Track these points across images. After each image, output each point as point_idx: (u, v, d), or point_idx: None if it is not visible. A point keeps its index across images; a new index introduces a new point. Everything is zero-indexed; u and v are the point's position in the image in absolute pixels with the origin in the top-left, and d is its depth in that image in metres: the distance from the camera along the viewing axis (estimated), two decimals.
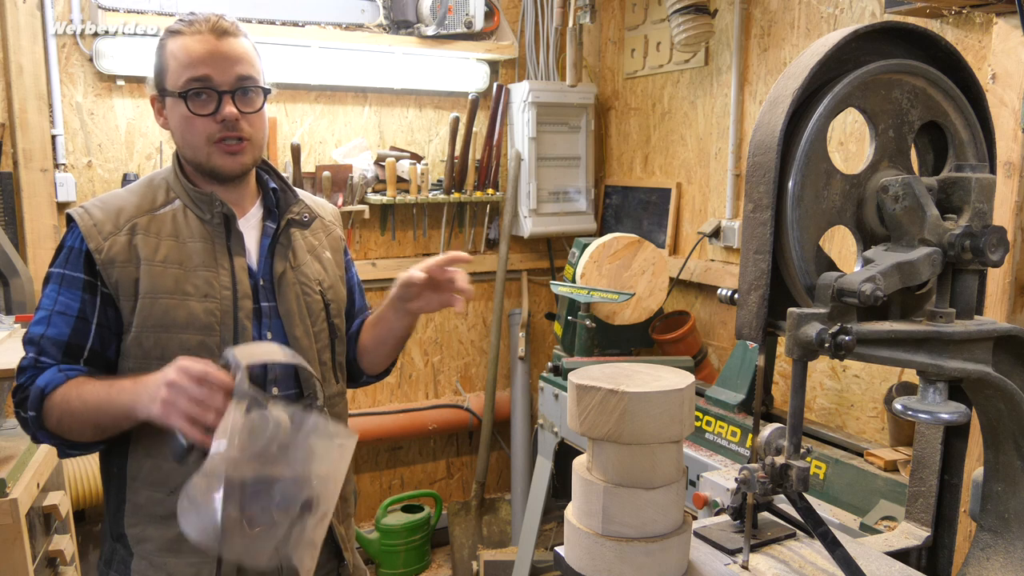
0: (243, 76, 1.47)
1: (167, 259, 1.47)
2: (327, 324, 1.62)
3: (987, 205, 1.02)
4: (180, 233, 1.49)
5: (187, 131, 1.48)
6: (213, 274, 1.48)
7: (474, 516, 3.76)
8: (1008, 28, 1.84)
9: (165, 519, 1.46)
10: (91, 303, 1.45)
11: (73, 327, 1.44)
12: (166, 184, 1.54)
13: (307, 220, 1.61)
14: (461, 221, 3.79)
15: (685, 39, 3.01)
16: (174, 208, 1.51)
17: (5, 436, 2.15)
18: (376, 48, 3.38)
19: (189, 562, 1.46)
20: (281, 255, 1.56)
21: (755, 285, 1.02)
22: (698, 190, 3.35)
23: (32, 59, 2.81)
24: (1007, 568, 1.17)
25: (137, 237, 1.47)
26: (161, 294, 1.45)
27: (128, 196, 1.53)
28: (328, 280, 1.64)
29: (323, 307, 1.61)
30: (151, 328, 1.45)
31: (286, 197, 1.61)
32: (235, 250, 1.51)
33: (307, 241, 1.64)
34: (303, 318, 1.56)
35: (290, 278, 1.56)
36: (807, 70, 0.99)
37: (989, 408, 1.14)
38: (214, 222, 1.51)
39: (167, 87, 1.48)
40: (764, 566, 1.15)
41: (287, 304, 1.54)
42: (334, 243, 1.72)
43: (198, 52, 1.44)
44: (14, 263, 2.71)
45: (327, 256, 1.67)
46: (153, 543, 1.49)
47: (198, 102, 1.45)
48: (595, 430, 1.06)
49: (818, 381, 2.75)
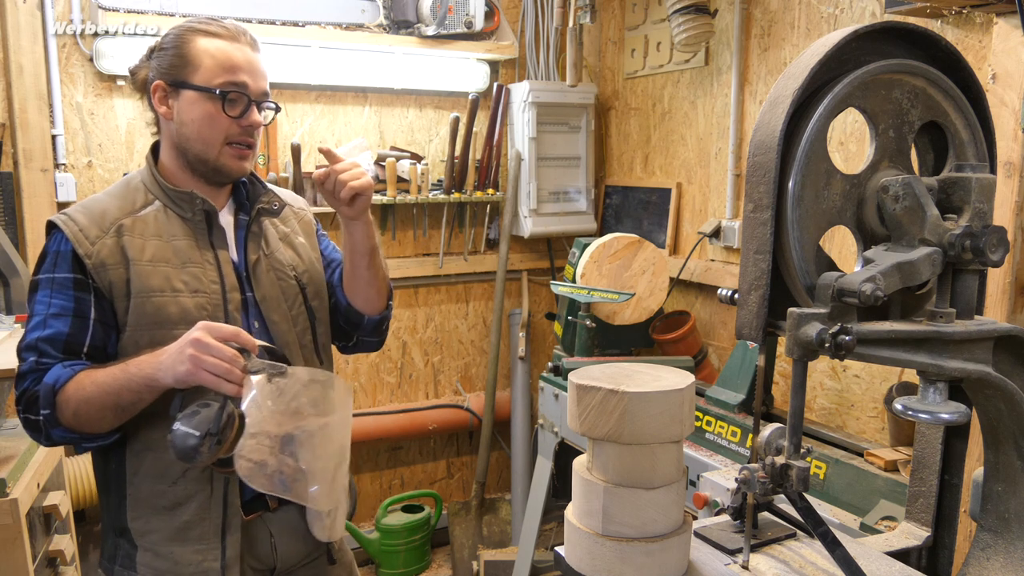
0: (266, 92, 1.58)
1: (155, 258, 1.50)
2: (305, 307, 1.66)
3: (987, 205, 1.02)
4: (163, 232, 1.52)
5: (206, 127, 1.51)
6: (200, 269, 1.52)
7: (474, 516, 3.76)
8: (1008, 28, 1.84)
9: (169, 509, 1.51)
10: (86, 300, 1.47)
11: (71, 325, 1.45)
12: (143, 186, 1.57)
13: (276, 208, 1.66)
14: (461, 221, 3.79)
15: (685, 39, 3.01)
16: (155, 209, 1.55)
17: (5, 436, 2.15)
18: (376, 48, 3.38)
19: (195, 549, 1.50)
20: (254, 244, 1.61)
21: (755, 285, 1.02)
22: (698, 190, 3.35)
23: (32, 59, 2.81)
24: (1007, 568, 1.17)
25: (124, 238, 1.49)
26: (153, 292, 1.48)
27: (109, 199, 1.55)
28: (303, 265, 1.68)
29: (299, 291, 1.65)
30: (145, 326, 1.47)
31: (255, 189, 1.66)
32: (218, 244, 1.56)
33: (279, 229, 1.68)
34: (279, 303, 1.61)
35: (264, 265, 1.61)
36: (807, 70, 0.99)
37: (989, 408, 1.14)
38: (195, 219, 1.55)
39: (192, 81, 1.51)
40: (764, 566, 1.15)
41: (263, 290, 1.59)
42: (306, 227, 1.76)
43: (239, 59, 1.52)
44: (14, 263, 2.72)
45: (300, 241, 1.71)
46: (158, 534, 1.52)
47: (232, 105, 1.52)
48: (595, 430, 1.06)
49: (818, 381, 2.75)
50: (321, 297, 1.71)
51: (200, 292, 1.51)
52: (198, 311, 1.49)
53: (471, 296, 3.93)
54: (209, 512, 1.51)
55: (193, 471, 1.49)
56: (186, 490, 1.51)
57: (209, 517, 1.51)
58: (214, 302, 1.52)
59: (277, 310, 1.60)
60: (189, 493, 1.51)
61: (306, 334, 1.65)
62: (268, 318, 1.58)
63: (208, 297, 1.51)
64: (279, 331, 1.59)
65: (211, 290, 1.52)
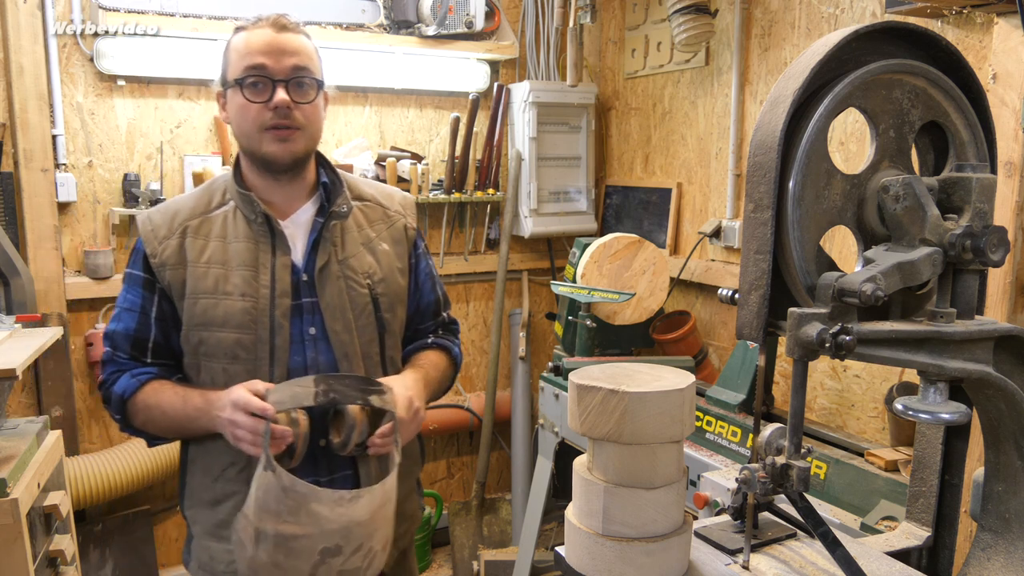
0: (298, 67, 1.51)
1: (210, 259, 1.53)
2: (375, 318, 1.61)
3: (988, 205, 1.02)
4: (227, 234, 1.55)
5: (242, 119, 1.52)
6: (253, 273, 1.53)
7: (474, 516, 3.76)
8: (1009, 28, 1.84)
9: (211, 504, 1.56)
10: (149, 299, 1.55)
11: (137, 321, 1.56)
12: (224, 186, 1.60)
13: (344, 211, 1.62)
14: (462, 221, 3.79)
15: (686, 39, 3.01)
16: (226, 210, 1.57)
17: (5, 436, 2.15)
18: (376, 48, 3.38)
19: (227, 548, 1.53)
20: (323, 249, 1.58)
21: (756, 285, 1.02)
22: (699, 190, 3.35)
23: (33, 59, 2.81)
24: (1008, 568, 1.17)
25: (187, 240, 1.54)
26: (202, 294, 1.52)
27: (186, 199, 1.61)
28: (380, 273, 1.63)
29: (370, 300, 1.61)
30: (195, 327, 1.53)
31: (335, 190, 1.63)
32: (279, 249, 1.55)
33: (363, 233, 1.64)
34: (344, 312, 1.57)
35: (333, 271, 1.57)
36: (808, 70, 0.99)
37: (990, 408, 1.14)
38: (258, 222, 1.55)
39: (227, 79, 1.54)
40: (765, 566, 1.15)
41: (327, 298, 1.56)
42: (396, 234, 1.70)
43: (256, 43, 1.51)
44: (15, 263, 2.71)
45: (383, 248, 1.66)
46: (201, 526, 1.59)
47: (253, 90, 1.50)
48: (595, 430, 1.06)
49: (819, 381, 2.75)
50: (395, 310, 1.67)
51: (248, 296, 1.51)
52: (243, 315, 1.51)
53: (471, 296, 3.93)
54: None
55: (232, 469, 1.53)
56: (225, 489, 1.54)
57: None
58: (260, 307, 1.51)
59: (340, 319, 1.57)
60: (228, 492, 1.54)
61: (372, 345, 1.62)
62: (329, 327, 1.55)
63: (255, 301, 1.51)
64: (339, 341, 1.56)
65: (260, 295, 1.52)
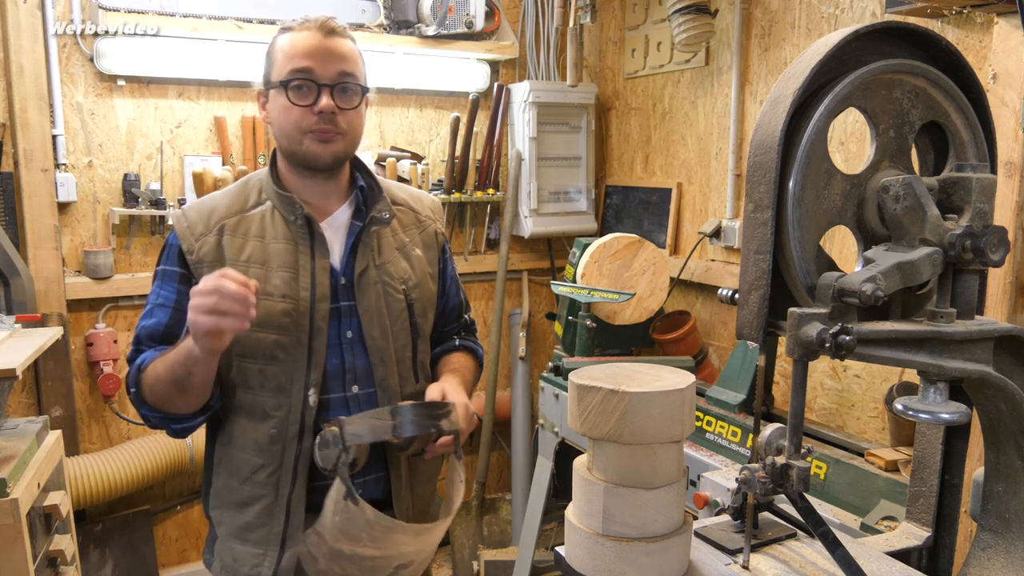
0: (345, 72, 1.51)
1: (250, 259, 1.52)
2: (409, 323, 1.63)
3: (988, 205, 1.02)
4: (266, 233, 1.54)
5: (284, 120, 1.51)
6: (293, 275, 1.52)
7: (475, 516, 3.76)
8: (1009, 28, 1.84)
9: (237, 506, 1.55)
10: (186, 294, 1.50)
11: (170, 316, 1.54)
12: (260, 185, 1.59)
13: (387, 218, 1.62)
14: (462, 221, 3.79)
15: (686, 39, 3.01)
16: (264, 209, 1.56)
17: (5, 436, 2.15)
18: (376, 48, 3.38)
19: (252, 552, 1.53)
20: (363, 254, 1.58)
21: (756, 285, 1.02)
22: (699, 190, 3.35)
23: (33, 59, 2.81)
24: (1008, 568, 1.17)
25: (225, 238, 1.53)
26: None
27: (222, 197, 1.59)
28: (414, 279, 1.64)
29: (405, 306, 1.62)
30: None
31: (373, 195, 1.63)
32: (318, 251, 1.54)
33: (397, 238, 1.65)
34: (381, 317, 1.58)
35: (372, 276, 1.58)
36: (808, 70, 0.99)
37: (990, 408, 1.14)
38: (298, 223, 1.54)
39: (271, 79, 1.53)
40: (765, 566, 1.15)
41: (366, 303, 1.56)
42: (427, 239, 1.72)
43: (303, 46, 1.50)
44: (15, 263, 2.71)
45: (416, 254, 1.67)
46: (226, 527, 1.57)
47: (298, 93, 1.49)
48: (596, 430, 1.06)
49: (819, 381, 2.75)
50: (427, 314, 1.68)
51: (289, 297, 1.51)
52: (283, 317, 1.50)
53: (471, 296, 3.92)
54: (271, 518, 1.52)
55: (261, 472, 1.52)
56: (252, 492, 1.53)
57: (271, 523, 1.52)
58: (300, 310, 1.51)
59: (378, 324, 1.57)
60: (255, 495, 1.53)
61: (406, 350, 1.62)
62: (367, 332, 1.56)
63: (296, 304, 1.51)
64: (376, 346, 1.56)
65: (301, 297, 1.51)
